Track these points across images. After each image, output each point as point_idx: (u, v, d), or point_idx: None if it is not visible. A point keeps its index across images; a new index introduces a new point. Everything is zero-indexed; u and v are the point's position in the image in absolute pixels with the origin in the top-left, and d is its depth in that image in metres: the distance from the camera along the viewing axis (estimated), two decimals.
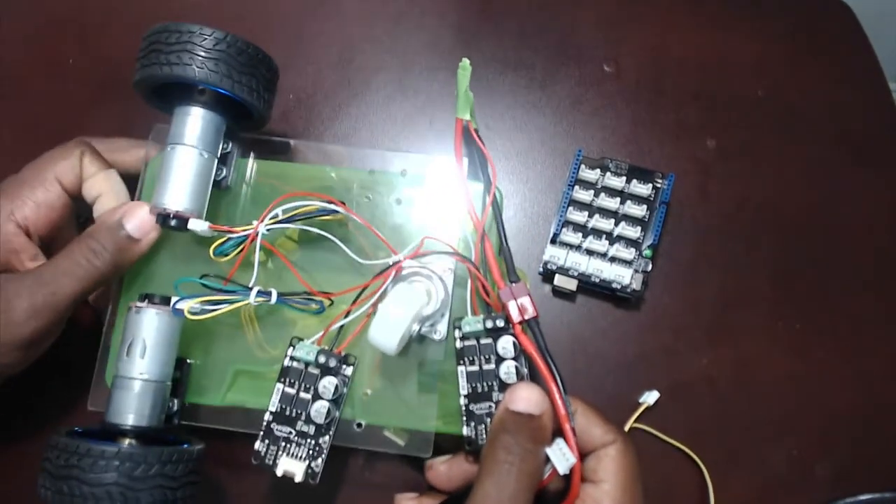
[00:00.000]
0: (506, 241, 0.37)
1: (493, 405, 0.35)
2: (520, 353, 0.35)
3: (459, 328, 0.36)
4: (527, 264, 0.47)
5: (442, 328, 0.38)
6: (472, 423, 0.35)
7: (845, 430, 0.44)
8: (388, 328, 0.34)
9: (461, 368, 0.35)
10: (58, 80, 0.52)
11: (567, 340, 0.46)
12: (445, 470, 0.36)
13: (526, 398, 0.32)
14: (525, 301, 0.35)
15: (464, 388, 0.35)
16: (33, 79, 0.53)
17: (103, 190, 0.40)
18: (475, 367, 0.35)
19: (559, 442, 0.32)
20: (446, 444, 0.38)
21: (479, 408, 0.35)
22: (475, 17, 0.53)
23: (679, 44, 0.52)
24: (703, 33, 0.52)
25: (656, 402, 0.44)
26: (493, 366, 0.35)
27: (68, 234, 0.42)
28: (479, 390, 0.35)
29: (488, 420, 0.35)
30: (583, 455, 0.33)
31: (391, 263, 0.37)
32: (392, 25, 0.53)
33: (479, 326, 0.35)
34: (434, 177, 0.41)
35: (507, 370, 0.34)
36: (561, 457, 0.32)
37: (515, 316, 0.35)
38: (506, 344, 0.35)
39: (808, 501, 0.43)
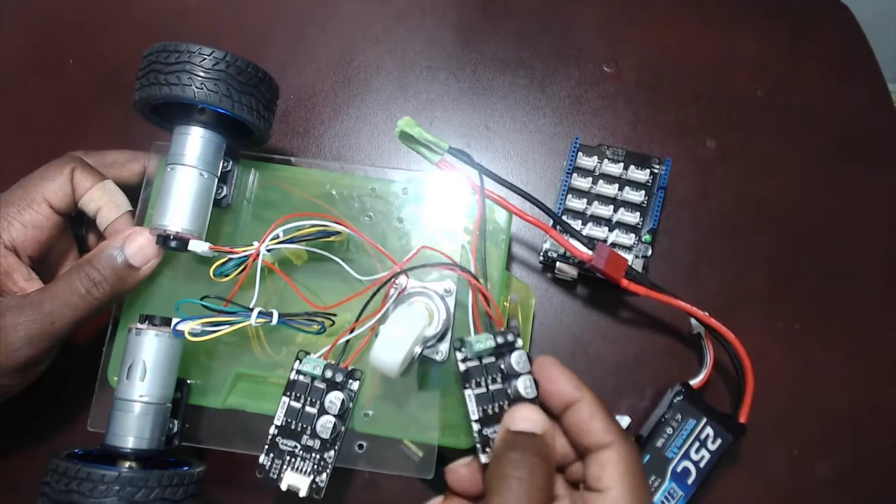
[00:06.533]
0: (558, 218, 0.36)
1: None
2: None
3: (463, 348, 0.33)
4: (527, 254, 0.47)
5: (444, 349, 0.37)
6: (489, 450, 0.32)
7: (845, 431, 0.44)
8: (389, 350, 0.32)
9: (468, 392, 0.33)
10: (58, 80, 0.52)
11: (566, 339, 0.46)
12: (467, 473, 0.34)
13: (525, 418, 0.31)
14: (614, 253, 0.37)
15: (474, 413, 0.32)
16: (33, 79, 0.53)
17: (102, 202, 0.39)
18: (482, 389, 0.33)
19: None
20: (452, 454, 0.37)
21: (494, 431, 0.32)
22: (475, 17, 0.53)
23: (679, 44, 0.52)
24: (703, 33, 0.52)
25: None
26: (499, 385, 0.33)
27: (64, 246, 0.42)
28: (490, 412, 0.32)
29: None
30: (581, 455, 0.32)
31: (391, 275, 0.36)
32: (392, 25, 0.53)
33: (490, 343, 0.32)
34: (435, 193, 0.40)
35: (526, 384, 0.32)
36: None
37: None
38: (519, 358, 0.32)
39: (808, 501, 0.43)
